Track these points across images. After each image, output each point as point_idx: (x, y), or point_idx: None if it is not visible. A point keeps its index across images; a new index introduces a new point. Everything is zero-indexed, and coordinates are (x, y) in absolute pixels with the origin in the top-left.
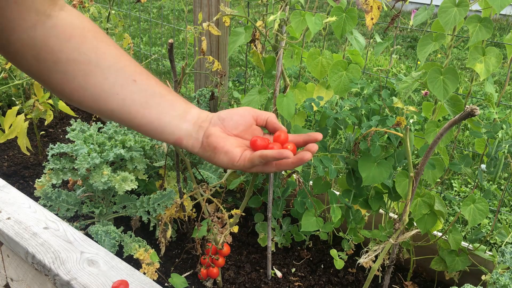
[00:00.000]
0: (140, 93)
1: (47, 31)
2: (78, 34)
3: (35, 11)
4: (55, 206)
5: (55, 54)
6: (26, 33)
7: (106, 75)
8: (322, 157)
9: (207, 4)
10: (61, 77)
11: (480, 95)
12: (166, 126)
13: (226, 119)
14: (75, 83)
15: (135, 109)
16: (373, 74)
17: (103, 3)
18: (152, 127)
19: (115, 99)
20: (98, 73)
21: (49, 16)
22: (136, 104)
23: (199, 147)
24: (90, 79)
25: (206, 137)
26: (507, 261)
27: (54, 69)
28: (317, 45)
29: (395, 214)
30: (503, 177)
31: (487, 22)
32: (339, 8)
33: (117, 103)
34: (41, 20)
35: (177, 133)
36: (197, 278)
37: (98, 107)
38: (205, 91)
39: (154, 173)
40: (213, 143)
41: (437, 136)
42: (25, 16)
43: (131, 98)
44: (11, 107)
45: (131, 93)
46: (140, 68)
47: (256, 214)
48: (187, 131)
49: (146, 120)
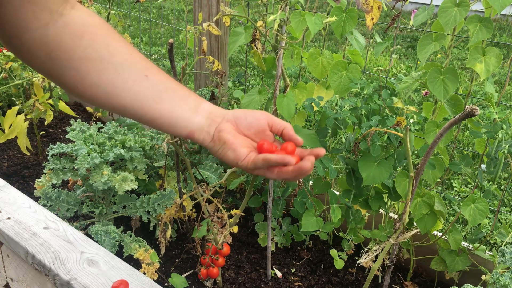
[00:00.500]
0: (152, 88)
1: (60, 30)
2: (90, 31)
3: (48, 10)
4: (55, 206)
5: (68, 52)
6: (39, 32)
7: (119, 71)
8: (322, 157)
9: (207, 4)
10: (74, 74)
11: (480, 95)
12: (178, 120)
13: (240, 118)
14: (88, 80)
15: (147, 104)
16: (373, 74)
17: (103, 3)
18: (165, 121)
19: (128, 94)
20: (110, 69)
21: (61, 14)
22: (149, 98)
23: (210, 141)
24: (103, 75)
25: (218, 131)
26: (507, 261)
27: (67, 67)
28: (317, 45)
29: (395, 214)
30: (503, 177)
31: (487, 22)
32: (339, 8)
33: (130, 98)
34: (53, 19)
35: (190, 127)
36: (197, 278)
37: (111, 103)
38: (205, 91)
39: (154, 173)
40: (223, 137)
41: (437, 136)
42: (38, 16)
43: (143, 93)
44: (11, 107)
45: (144, 88)
46: (150, 63)
47: (256, 214)
48: (199, 125)
49: (159, 114)
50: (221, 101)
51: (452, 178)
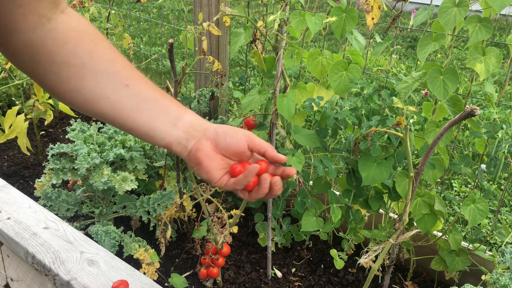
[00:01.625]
0: (131, 98)
1: (45, 34)
2: (75, 37)
3: (38, 14)
4: (55, 206)
5: (51, 56)
6: (26, 35)
7: (99, 79)
8: (322, 157)
9: (207, 4)
10: (56, 78)
11: (480, 95)
12: (156, 131)
13: (220, 137)
14: (68, 85)
15: (126, 113)
16: (373, 74)
17: (103, 3)
18: (143, 131)
19: (107, 102)
20: (91, 76)
21: (50, 19)
22: (128, 108)
23: (186, 155)
24: (83, 82)
25: (195, 150)
26: (507, 261)
27: (49, 71)
28: (317, 45)
29: (395, 214)
30: (503, 177)
31: (487, 22)
32: (339, 8)
33: (109, 107)
34: (41, 23)
35: (167, 139)
36: (197, 278)
37: (90, 109)
38: (205, 91)
39: (154, 173)
40: (199, 158)
41: (437, 136)
42: (28, 19)
43: (122, 103)
44: (11, 107)
45: (123, 97)
46: (135, 72)
47: (256, 214)
48: (177, 138)
49: (137, 124)
50: (221, 101)
51: (452, 178)
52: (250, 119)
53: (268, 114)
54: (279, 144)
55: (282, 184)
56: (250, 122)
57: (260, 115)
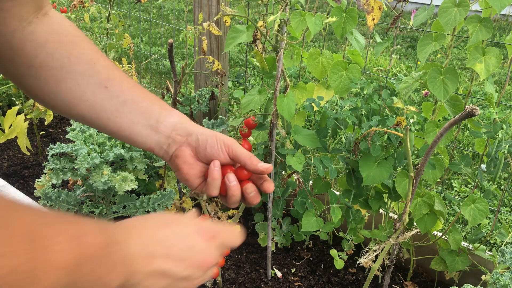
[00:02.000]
0: (111, 100)
1: (25, 37)
2: (54, 39)
3: (19, 18)
4: (55, 206)
5: (30, 59)
6: (5, 38)
7: (78, 82)
8: (322, 157)
9: (207, 4)
10: (34, 81)
11: (480, 95)
12: (137, 135)
13: (201, 146)
14: (46, 88)
15: (106, 116)
16: (373, 74)
17: (103, 3)
18: (125, 135)
19: (85, 105)
20: (69, 79)
21: (31, 22)
22: (107, 111)
23: (168, 160)
24: (61, 85)
25: (175, 156)
26: (507, 261)
27: (28, 73)
28: (317, 45)
29: (395, 214)
30: (503, 177)
31: (487, 22)
32: (339, 8)
33: (88, 109)
34: (21, 26)
35: (149, 143)
36: None
37: (70, 112)
38: (205, 91)
39: (154, 173)
40: (178, 165)
41: (437, 136)
42: (8, 22)
43: (101, 105)
44: (11, 107)
45: (102, 100)
46: (117, 72)
47: (256, 214)
48: (158, 143)
49: (118, 128)
50: (221, 101)
51: (452, 178)
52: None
53: (268, 114)
54: (279, 144)
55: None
56: (250, 122)
57: (260, 115)
